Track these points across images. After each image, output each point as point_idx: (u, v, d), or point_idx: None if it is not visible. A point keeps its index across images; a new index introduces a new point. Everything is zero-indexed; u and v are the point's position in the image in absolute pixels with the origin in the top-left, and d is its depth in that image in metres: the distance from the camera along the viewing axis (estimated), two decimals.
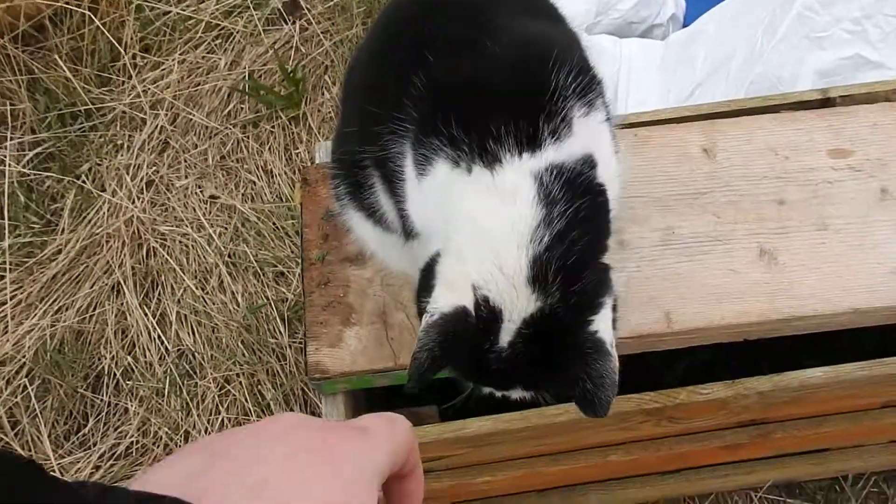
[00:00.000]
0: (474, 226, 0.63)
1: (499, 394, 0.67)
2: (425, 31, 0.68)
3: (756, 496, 1.19)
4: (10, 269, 1.42)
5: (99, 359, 1.32)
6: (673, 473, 1.11)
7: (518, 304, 0.61)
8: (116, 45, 1.69)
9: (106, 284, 1.40)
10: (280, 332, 1.30)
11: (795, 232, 0.85)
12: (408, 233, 0.72)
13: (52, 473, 0.31)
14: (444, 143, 0.63)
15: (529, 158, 0.62)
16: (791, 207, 0.86)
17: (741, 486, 1.18)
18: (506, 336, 0.62)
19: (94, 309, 1.38)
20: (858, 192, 0.86)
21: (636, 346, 0.84)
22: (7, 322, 1.36)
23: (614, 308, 0.66)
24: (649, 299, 0.83)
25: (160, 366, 1.29)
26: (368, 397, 0.96)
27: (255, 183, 1.51)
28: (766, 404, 0.89)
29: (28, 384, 1.28)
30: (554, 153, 0.62)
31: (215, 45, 1.69)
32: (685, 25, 1.42)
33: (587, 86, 0.64)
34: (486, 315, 0.62)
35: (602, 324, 0.63)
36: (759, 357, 1.05)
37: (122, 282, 1.39)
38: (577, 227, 0.62)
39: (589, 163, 0.64)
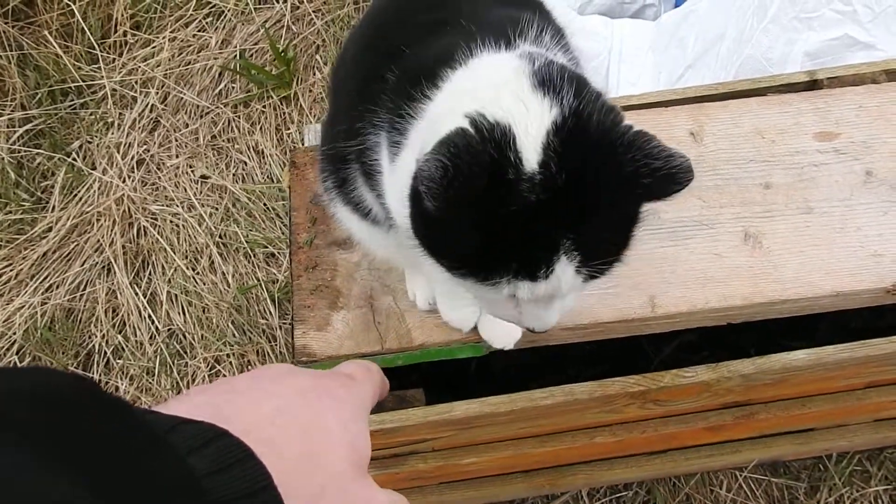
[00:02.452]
0: (450, 94, 0.56)
1: (541, 273, 0.52)
2: (405, 24, 0.67)
3: (741, 475, 1.21)
4: (0, 246, 1.42)
5: (89, 337, 1.33)
6: (659, 454, 1.13)
7: (530, 114, 0.51)
8: (107, 21, 1.67)
9: (97, 263, 1.40)
10: (270, 313, 1.31)
11: (780, 215, 0.85)
12: (392, 226, 0.71)
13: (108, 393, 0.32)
14: (418, 103, 0.58)
15: (507, 51, 0.57)
16: (776, 191, 0.86)
17: (726, 465, 1.20)
18: (532, 156, 0.50)
19: (85, 287, 1.38)
20: (843, 174, 0.86)
21: (622, 329, 0.84)
22: None
23: None
24: (634, 284, 0.83)
25: (150, 345, 1.30)
26: None
27: (246, 163, 1.50)
28: (750, 386, 0.89)
29: (18, 361, 1.29)
30: (530, 48, 0.58)
31: (206, 23, 1.68)
32: (677, 5, 1.41)
33: (561, 41, 0.62)
34: (492, 130, 0.51)
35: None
36: (745, 338, 1.06)
37: (112, 260, 1.39)
38: (569, 73, 0.54)
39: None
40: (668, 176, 0.51)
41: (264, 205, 1.43)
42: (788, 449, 1.17)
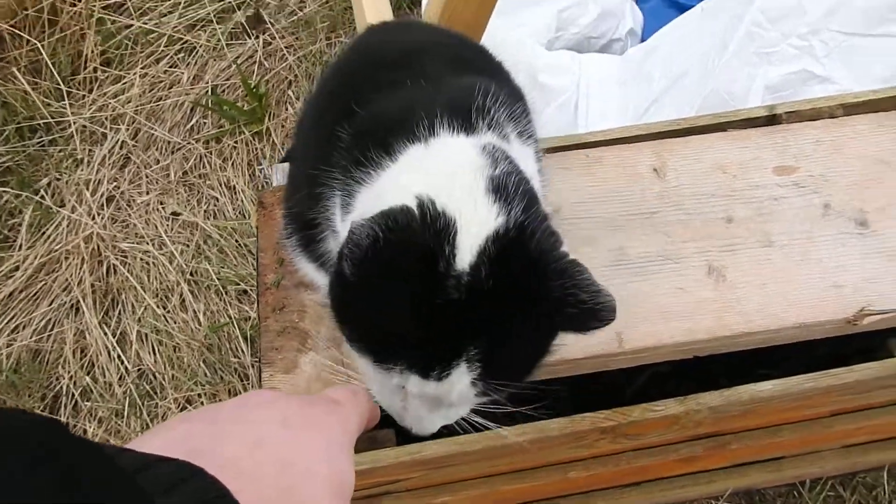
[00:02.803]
0: (409, 167, 0.55)
1: (435, 373, 0.50)
2: (368, 80, 0.67)
3: None
4: None
5: (57, 379, 1.31)
6: (634, 486, 1.13)
7: (478, 214, 0.51)
8: (77, 58, 1.67)
9: (65, 302, 1.38)
10: (242, 352, 1.29)
11: (742, 248, 0.86)
12: None
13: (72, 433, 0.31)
14: (368, 169, 0.58)
15: (467, 137, 0.57)
16: (738, 224, 0.88)
17: (702, 494, 1.20)
18: (465, 256, 0.50)
19: (53, 328, 1.36)
20: (802, 207, 0.88)
21: (589, 365, 0.85)
22: None
23: None
24: None
25: (120, 386, 1.28)
26: None
27: (217, 199, 1.50)
28: (719, 417, 0.90)
29: None
30: (489, 138, 0.58)
31: (178, 58, 1.68)
32: (643, 40, 1.45)
33: (516, 112, 0.63)
34: (437, 218, 0.50)
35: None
36: (716, 368, 1.07)
37: (81, 300, 1.37)
38: (524, 187, 0.55)
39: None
40: (592, 311, 0.51)
41: (236, 241, 1.43)
42: (762, 477, 1.17)
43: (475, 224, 0.51)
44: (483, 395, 0.54)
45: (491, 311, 0.50)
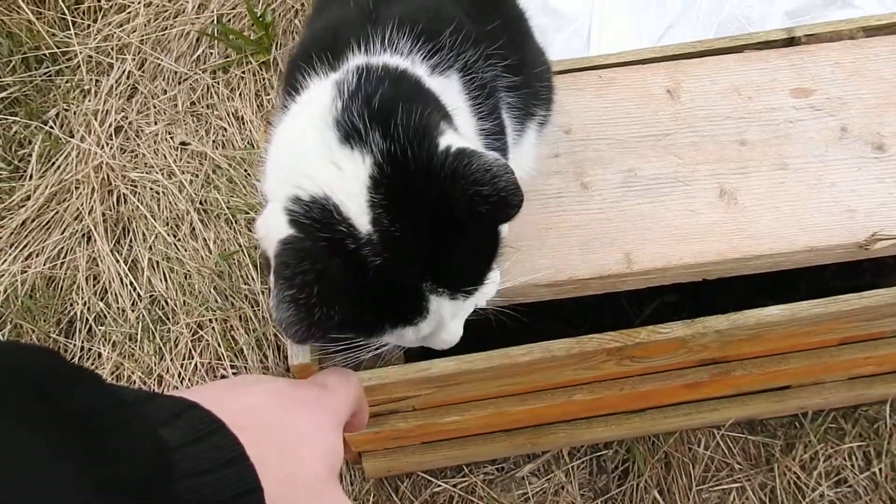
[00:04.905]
0: (273, 147, 0.56)
1: (417, 318, 0.52)
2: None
3: (719, 433, 1.23)
4: None
5: (71, 304, 1.32)
6: (638, 413, 1.14)
7: (345, 175, 0.50)
8: None
9: (76, 231, 1.39)
10: (252, 279, 1.30)
11: (755, 172, 0.85)
12: None
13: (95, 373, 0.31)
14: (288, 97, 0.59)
15: (335, 73, 0.56)
16: (752, 147, 0.87)
17: (704, 423, 1.21)
18: (362, 219, 0.49)
19: (65, 255, 1.37)
20: (818, 131, 0.87)
21: (598, 286, 0.85)
22: None
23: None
24: (611, 241, 0.84)
25: (132, 311, 1.30)
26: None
27: (226, 129, 1.49)
28: (725, 342, 0.91)
29: None
30: (359, 60, 0.56)
31: None
32: None
33: (435, 46, 0.60)
34: (312, 211, 0.49)
35: (453, 138, 0.51)
36: (725, 299, 1.07)
37: (92, 228, 1.38)
38: (380, 92, 0.52)
39: (401, 72, 0.55)
40: (501, 200, 0.49)
41: (245, 171, 1.42)
42: (765, 407, 1.19)
43: (348, 185, 0.50)
44: (472, 295, 0.54)
45: (417, 245, 0.50)
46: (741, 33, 0.97)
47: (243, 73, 1.54)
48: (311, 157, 0.51)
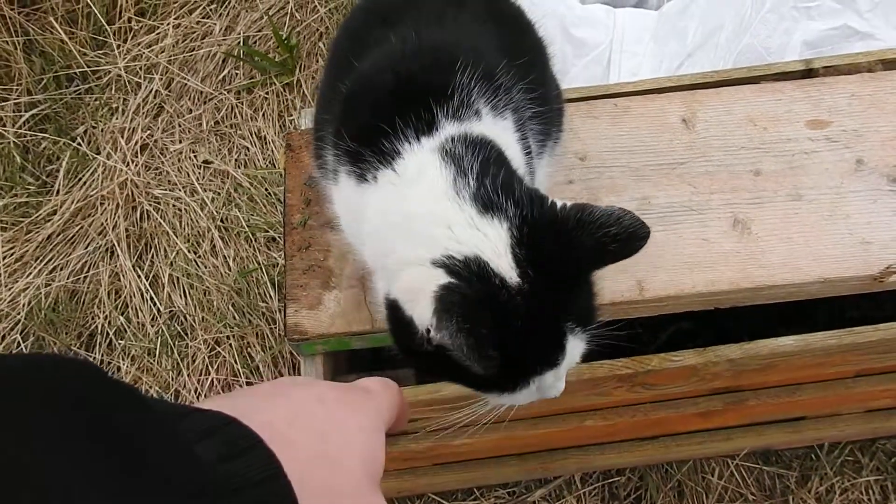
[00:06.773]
0: (393, 221, 0.60)
1: (559, 359, 0.59)
2: (355, 33, 0.70)
3: (733, 463, 1.22)
4: (5, 228, 1.44)
5: (92, 318, 1.35)
6: (650, 440, 1.14)
7: (490, 237, 0.57)
8: (112, 8, 1.69)
9: (100, 246, 1.42)
10: (270, 296, 1.32)
11: (769, 202, 0.85)
12: None
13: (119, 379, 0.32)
14: (344, 156, 0.63)
15: (429, 140, 0.60)
16: (766, 178, 0.87)
17: (718, 452, 1.20)
18: (510, 273, 0.56)
19: (89, 270, 1.40)
20: (834, 162, 0.87)
21: (610, 313, 0.85)
22: (2, 280, 1.38)
23: None
24: (623, 268, 0.84)
25: (152, 326, 1.32)
26: (351, 359, 0.99)
27: (248, 149, 1.52)
28: (738, 372, 0.90)
29: (21, 341, 1.31)
30: (453, 128, 0.61)
31: (210, 9, 1.69)
32: None
33: (494, 90, 0.64)
34: (469, 268, 0.56)
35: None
36: (740, 329, 1.06)
37: (115, 243, 1.41)
38: (491, 165, 0.60)
39: (489, 142, 0.62)
40: (631, 236, 0.58)
41: (266, 190, 1.45)
42: (780, 437, 1.17)
43: (496, 246, 0.56)
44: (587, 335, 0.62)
45: (555, 290, 0.57)
46: (759, 64, 0.98)
47: (267, 93, 1.57)
48: (454, 225, 0.58)
